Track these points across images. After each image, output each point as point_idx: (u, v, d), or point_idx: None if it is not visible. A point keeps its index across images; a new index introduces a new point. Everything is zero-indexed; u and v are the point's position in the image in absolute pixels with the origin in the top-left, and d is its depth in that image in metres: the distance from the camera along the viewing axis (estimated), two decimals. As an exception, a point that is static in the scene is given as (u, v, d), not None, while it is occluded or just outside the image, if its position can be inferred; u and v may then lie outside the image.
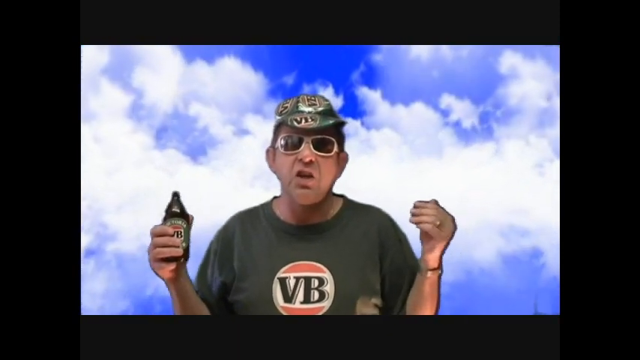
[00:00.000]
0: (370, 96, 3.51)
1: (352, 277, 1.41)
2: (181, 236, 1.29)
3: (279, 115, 1.44)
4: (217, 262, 1.49)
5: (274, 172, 1.47)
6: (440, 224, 1.31)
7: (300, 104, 1.42)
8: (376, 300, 1.43)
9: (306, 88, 3.43)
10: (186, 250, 1.30)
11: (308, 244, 1.44)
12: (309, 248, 1.43)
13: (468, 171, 3.34)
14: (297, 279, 1.40)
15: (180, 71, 3.43)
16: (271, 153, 1.48)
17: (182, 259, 1.29)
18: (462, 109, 3.42)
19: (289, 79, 3.55)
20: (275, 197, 1.52)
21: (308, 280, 1.40)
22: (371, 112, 3.51)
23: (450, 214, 1.35)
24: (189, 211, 1.32)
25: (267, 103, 3.47)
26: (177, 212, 1.31)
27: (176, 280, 1.33)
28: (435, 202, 1.35)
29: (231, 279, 1.46)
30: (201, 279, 1.50)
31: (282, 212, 1.48)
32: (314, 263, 1.42)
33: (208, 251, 1.52)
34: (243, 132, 3.43)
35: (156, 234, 1.29)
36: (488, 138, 3.44)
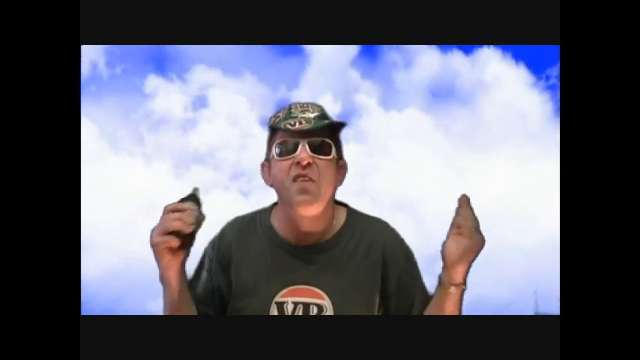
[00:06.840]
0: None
1: (352, 304, 1.36)
2: (193, 218, 1.25)
3: (272, 125, 1.36)
4: (213, 270, 1.42)
5: (271, 186, 1.39)
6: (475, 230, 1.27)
7: (292, 110, 1.35)
8: None
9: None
10: (193, 234, 1.26)
11: (307, 265, 1.37)
12: (308, 270, 1.37)
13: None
14: (296, 304, 1.35)
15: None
16: (266, 167, 1.39)
17: (187, 241, 1.25)
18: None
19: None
20: (275, 204, 1.44)
21: (306, 306, 1.35)
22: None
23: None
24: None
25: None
26: (194, 198, 1.28)
27: (174, 269, 1.26)
28: (467, 201, 1.30)
29: (227, 290, 1.40)
30: (193, 291, 1.40)
31: (280, 226, 1.41)
32: (313, 288, 1.36)
33: (202, 261, 1.45)
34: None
35: (170, 209, 1.25)
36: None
